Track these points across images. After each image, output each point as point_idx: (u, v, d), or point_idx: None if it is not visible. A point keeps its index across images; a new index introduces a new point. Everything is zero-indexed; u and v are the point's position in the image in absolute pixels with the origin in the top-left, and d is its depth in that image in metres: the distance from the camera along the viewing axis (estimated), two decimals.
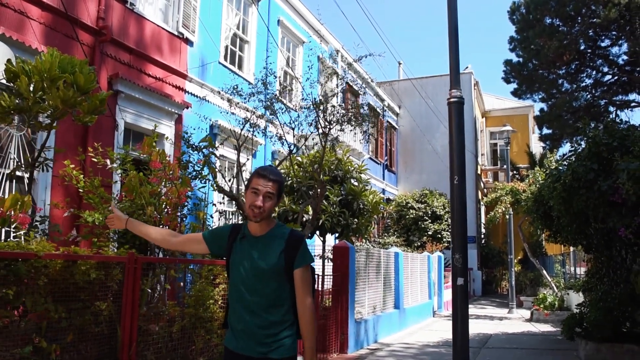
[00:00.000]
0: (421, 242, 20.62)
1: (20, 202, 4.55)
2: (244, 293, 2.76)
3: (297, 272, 2.79)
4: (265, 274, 2.75)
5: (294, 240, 2.83)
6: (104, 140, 8.79)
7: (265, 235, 2.84)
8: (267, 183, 2.78)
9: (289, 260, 2.77)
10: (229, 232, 2.96)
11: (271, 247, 2.80)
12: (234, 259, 2.85)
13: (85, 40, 9.14)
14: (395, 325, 12.76)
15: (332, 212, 10.22)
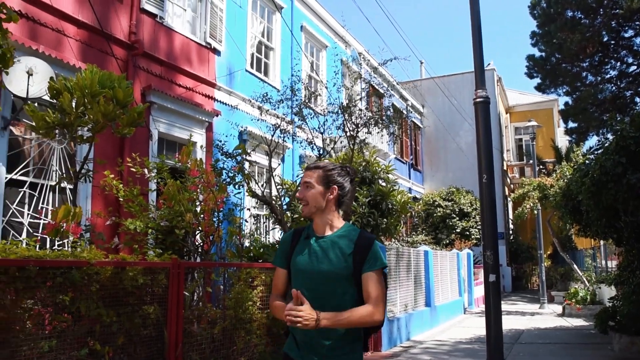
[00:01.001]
0: (449, 239, 20.65)
1: (72, 213, 4.83)
2: (308, 298, 2.43)
3: (367, 276, 2.50)
4: (331, 277, 2.51)
5: (364, 241, 2.56)
6: (139, 150, 9.10)
7: (332, 236, 2.60)
8: (306, 173, 2.66)
9: (358, 263, 2.51)
10: (292, 236, 2.74)
11: (338, 249, 2.55)
12: (296, 260, 2.63)
13: (119, 54, 9.47)
14: (427, 322, 12.88)
15: (361, 213, 10.39)
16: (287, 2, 15.29)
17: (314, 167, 2.66)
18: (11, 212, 7.70)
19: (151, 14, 10.34)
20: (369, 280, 2.50)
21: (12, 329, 3.68)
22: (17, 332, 3.71)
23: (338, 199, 2.66)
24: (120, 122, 6.40)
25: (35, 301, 3.85)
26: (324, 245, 2.58)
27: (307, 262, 2.58)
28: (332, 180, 2.64)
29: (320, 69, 17.17)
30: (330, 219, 2.63)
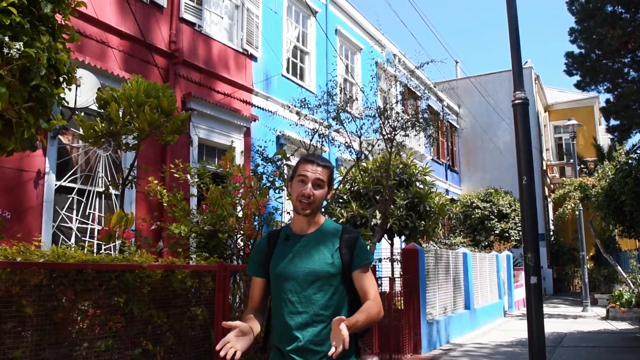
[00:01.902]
0: (488, 241, 20.45)
1: (125, 219, 5.02)
2: (294, 304, 2.34)
3: (358, 272, 2.42)
4: (318, 277, 2.36)
5: (350, 236, 2.46)
6: (180, 156, 9.33)
7: (315, 233, 2.47)
8: (316, 169, 2.44)
9: (347, 259, 2.40)
10: (266, 240, 2.57)
11: (323, 246, 2.43)
12: (277, 265, 2.43)
13: (160, 63, 9.73)
14: (466, 325, 12.81)
15: (399, 216, 10.43)
16: (322, 6, 15.42)
17: (324, 165, 2.48)
18: (61, 218, 8.00)
19: (190, 23, 10.58)
20: (363, 276, 2.42)
21: (71, 329, 3.87)
22: (76, 332, 3.89)
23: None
24: (165, 130, 6.60)
25: (91, 303, 4.04)
26: (307, 243, 2.45)
27: (288, 264, 2.41)
28: (333, 181, 2.59)
29: (355, 72, 17.25)
30: (318, 216, 2.52)
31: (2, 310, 3.46)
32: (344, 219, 10.21)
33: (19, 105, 2.50)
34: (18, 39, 2.34)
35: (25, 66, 2.39)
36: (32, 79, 2.49)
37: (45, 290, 3.67)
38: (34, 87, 2.53)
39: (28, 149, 2.91)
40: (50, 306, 3.72)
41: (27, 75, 2.48)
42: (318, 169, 2.44)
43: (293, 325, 2.34)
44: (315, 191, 2.42)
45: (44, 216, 7.67)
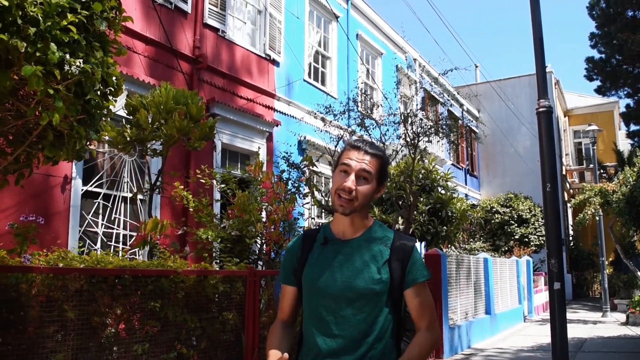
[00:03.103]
0: (508, 246, 20.36)
1: (160, 225, 5.13)
2: (329, 325, 1.95)
3: (411, 292, 1.99)
4: (360, 294, 1.94)
5: (404, 246, 2.02)
6: (204, 161, 9.45)
7: (360, 239, 2.04)
8: (364, 157, 1.99)
9: (397, 274, 1.96)
10: (301, 242, 2.14)
11: (370, 256, 1.99)
12: (311, 274, 2.03)
13: (184, 68, 9.86)
14: (487, 330, 12.78)
15: (421, 221, 10.45)
16: (343, 10, 15.50)
17: (373, 154, 2.02)
18: (87, 222, 8.13)
19: (214, 28, 10.70)
20: (417, 297, 2.00)
21: (110, 333, 3.97)
22: (114, 335, 3.99)
23: None
24: (193, 137, 6.70)
25: (129, 307, 4.13)
26: (350, 251, 2.01)
27: (325, 276, 1.99)
28: (386, 174, 2.11)
29: (376, 77, 17.31)
30: (364, 218, 2.07)
31: (45, 314, 3.56)
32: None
33: (73, 118, 2.60)
34: (75, 55, 2.44)
35: (79, 80, 2.49)
36: (87, 93, 2.59)
37: (85, 295, 3.77)
38: (86, 100, 2.63)
39: (75, 159, 3.01)
40: (89, 310, 3.81)
41: (81, 89, 2.57)
42: (366, 158, 1.98)
43: (325, 350, 1.95)
44: (359, 186, 1.96)
45: (70, 221, 7.79)
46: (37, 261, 3.83)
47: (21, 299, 3.51)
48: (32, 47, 2.24)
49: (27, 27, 2.23)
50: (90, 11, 2.52)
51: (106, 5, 2.65)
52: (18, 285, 3.47)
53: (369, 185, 1.98)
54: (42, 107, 2.47)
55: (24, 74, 2.22)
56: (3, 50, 2.24)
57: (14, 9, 2.16)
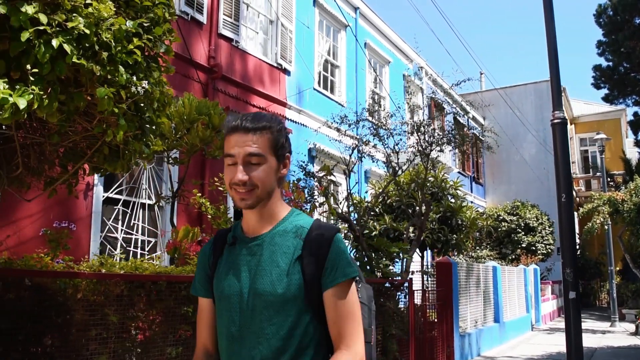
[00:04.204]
0: (515, 254, 20.45)
1: (192, 232, 5.28)
2: (237, 341, 1.64)
3: (328, 297, 1.61)
4: (267, 301, 1.61)
5: (319, 237, 1.64)
6: (219, 169, 9.60)
7: (270, 233, 1.69)
8: (246, 138, 1.64)
9: (311, 273, 1.60)
10: (212, 246, 1.82)
11: (280, 254, 1.64)
12: (217, 280, 1.73)
13: (200, 78, 10.04)
14: (496, 338, 12.88)
15: (431, 229, 10.59)
16: (352, 20, 15.68)
17: (255, 128, 1.66)
18: (107, 228, 8.30)
19: (227, 39, 10.88)
20: (335, 304, 1.61)
21: (146, 336, 4.12)
22: (150, 339, 4.14)
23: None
24: (213, 146, 6.86)
25: (163, 312, 4.28)
26: (258, 250, 1.67)
27: (230, 282, 1.68)
28: (285, 145, 1.75)
29: (384, 85, 17.49)
30: (274, 207, 1.73)
31: (89, 318, 3.71)
32: (377, 232, 10.37)
33: (132, 133, 2.76)
34: (137, 76, 2.61)
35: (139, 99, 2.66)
36: (145, 111, 2.76)
37: (125, 299, 3.92)
38: (142, 117, 2.79)
39: (125, 171, 3.17)
40: (128, 314, 3.96)
41: (140, 106, 2.74)
42: (248, 138, 1.64)
43: None
44: (252, 173, 1.63)
45: (92, 227, 7.96)
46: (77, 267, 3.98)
47: (67, 303, 3.66)
48: (104, 70, 2.41)
49: (101, 52, 2.39)
50: (152, 35, 2.70)
51: (164, 29, 2.82)
52: (65, 290, 3.63)
53: (263, 166, 1.64)
54: (105, 125, 2.64)
55: (98, 96, 2.39)
56: (75, 72, 2.41)
57: (92, 35, 2.32)
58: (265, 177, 1.67)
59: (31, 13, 2.20)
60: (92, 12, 2.34)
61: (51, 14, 2.28)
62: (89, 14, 2.32)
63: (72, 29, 2.27)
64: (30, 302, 3.55)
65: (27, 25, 2.21)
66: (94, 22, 2.33)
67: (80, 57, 2.29)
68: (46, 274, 3.66)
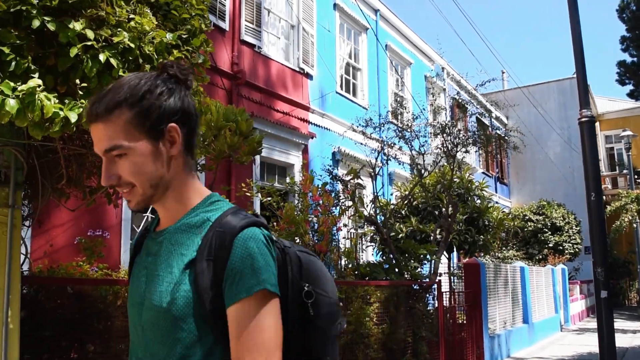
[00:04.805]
0: (542, 254, 20.24)
1: None
2: (138, 349, 1.35)
3: (232, 313, 1.22)
4: (161, 317, 1.27)
5: (220, 235, 1.26)
6: (244, 174, 9.70)
7: (171, 229, 1.36)
8: (96, 129, 1.30)
9: (207, 284, 1.23)
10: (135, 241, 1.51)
11: (177, 254, 1.30)
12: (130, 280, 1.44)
13: (224, 84, 10.15)
14: (525, 339, 12.77)
15: (458, 230, 10.55)
16: (372, 22, 15.70)
17: (100, 113, 1.29)
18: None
19: (250, 45, 10.98)
20: (236, 324, 1.21)
21: None
22: None
23: (186, 141, 1.36)
24: (241, 152, 6.93)
25: None
26: (159, 249, 1.35)
27: (133, 292, 1.39)
28: (159, 114, 1.31)
29: (405, 86, 17.48)
30: (180, 196, 1.37)
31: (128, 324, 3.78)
32: (404, 234, 10.35)
33: None
34: None
35: None
36: None
37: None
38: None
39: None
40: None
41: None
42: (99, 130, 1.29)
43: None
44: (120, 170, 1.30)
45: (122, 234, 8.10)
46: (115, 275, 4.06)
47: (108, 309, 3.74)
48: None
49: (144, 64, 2.47)
50: (190, 46, 2.77)
51: (201, 40, 2.88)
52: (105, 297, 3.71)
53: (130, 158, 1.29)
54: None
55: None
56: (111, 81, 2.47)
57: (136, 49, 2.40)
58: (138, 169, 1.29)
59: (79, 29, 2.28)
60: (135, 26, 2.41)
61: (97, 29, 2.36)
62: (132, 28, 2.40)
63: (118, 44, 2.35)
64: (73, 310, 3.64)
65: (75, 41, 2.29)
66: (137, 36, 2.40)
67: (125, 70, 2.37)
68: (87, 282, 3.75)
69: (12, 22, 2.24)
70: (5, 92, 2.13)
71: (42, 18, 2.24)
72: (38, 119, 2.20)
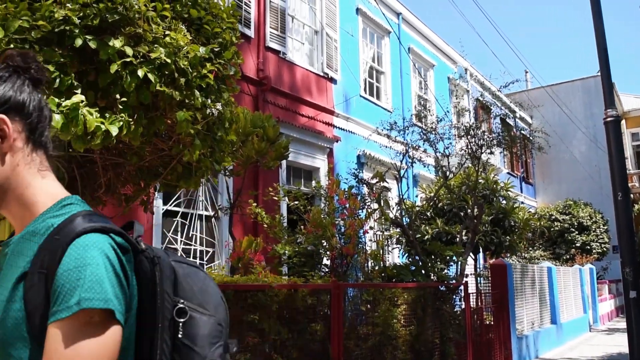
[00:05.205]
0: (569, 254, 20.03)
1: (254, 243, 5.48)
2: None
3: (49, 335, 1.01)
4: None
5: (53, 243, 1.07)
6: (271, 179, 9.82)
7: (18, 237, 1.17)
8: None
9: (38, 301, 1.05)
10: None
11: (16, 267, 1.11)
12: None
13: (251, 90, 10.30)
14: (553, 340, 12.68)
15: (484, 231, 10.55)
16: (394, 26, 15.74)
17: None
18: (167, 240, 8.61)
19: (275, 51, 11.12)
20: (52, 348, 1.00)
21: None
22: None
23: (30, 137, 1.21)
24: (268, 157, 7.06)
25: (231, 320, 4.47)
26: (3, 261, 1.17)
27: None
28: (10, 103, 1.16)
29: (429, 88, 17.48)
30: (25, 201, 1.18)
31: None
32: (429, 236, 10.37)
33: (203, 152, 2.96)
34: (210, 98, 2.80)
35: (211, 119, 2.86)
36: (217, 130, 2.96)
37: None
38: (214, 136, 2.99)
39: (197, 187, 3.37)
40: None
41: (212, 126, 2.94)
42: None
43: None
44: None
45: (153, 239, 8.28)
46: None
47: None
48: (182, 94, 2.61)
49: (179, 78, 2.59)
50: (222, 59, 2.89)
51: (232, 52, 3.00)
52: None
53: None
54: (182, 145, 2.84)
55: (178, 119, 2.59)
56: (154, 97, 2.61)
57: (171, 64, 2.52)
58: None
59: (118, 46, 2.41)
60: (171, 42, 2.54)
61: (135, 46, 2.49)
62: (168, 43, 2.53)
63: (155, 59, 2.48)
64: None
65: (114, 58, 2.43)
66: (172, 51, 2.53)
67: (162, 85, 2.50)
68: None
69: (56, 42, 2.39)
70: (51, 107, 2.26)
71: (84, 37, 2.39)
72: (81, 133, 2.34)
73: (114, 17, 2.43)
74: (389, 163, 10.08)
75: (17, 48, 2.02)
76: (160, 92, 2.51)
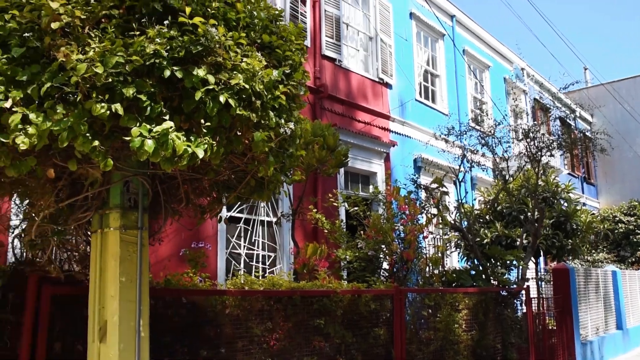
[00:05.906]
0: (635, 257, 19.37)
1: (319, 250, 5.68)
2: None
3: None
4: None
5: None
6: (329, 185, 10.00)
7: None
8: None
9: None
10: None
11: None
12: None
13: (308, 98, 10.52)
14: (619, 346, 12.36)
15: (545, 235, 10.41)
16: (448, 28, 15.68)
17: None
18: (231, 245, 8.91)
19: (331, 59, 11.31)
20: None
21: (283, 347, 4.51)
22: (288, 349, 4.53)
23: None
24: (329, 164, 7.25)
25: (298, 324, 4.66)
26: None
27: None
28: None
29: (485, 89, 17.32)
30: None
31: (236, 331, 4.15)
32: (488, 240, 10.31)
33: (277, 166, 3.15)
34: (282, 117, 3.00)
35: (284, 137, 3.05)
36: (289, 147, 3.15)
37: (266, 314, 4.33)
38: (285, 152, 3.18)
39: (269, 200, 3.58)
40: (268, 327, 4.37)
41: (284, 143, 3.14)
42: None
43: None
44: None
45: (218, 244, 8.59)
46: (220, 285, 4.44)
47: (217, 318, 4.12)
48: (257, 116, 2.81)
49: (255, 101, 2.80)
50: (293, 80, 3.08)
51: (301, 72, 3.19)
52: (215, 307, 4.09)
53: None
54: (257, 162, 3.04)
55: (255, 139, 2.80)
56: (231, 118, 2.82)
57: (249, 88, 2.73)
58: None
59: (202, 75, 2.63)
60: (248, 68, 2.74)
61: (215, 73, 2.70)
62: (245, 69, 2.73)
63: (234, 85, 2.68)
64: (187, 318, 4.04)
65: (198, 86, 2.65)
66: (249, 77, 2.73)
67: (240, 108, 2.70)
68: (199, 293, 4.15)
69: (146, 73, 2.63)
70: (144, 133, 2.53)
71: (171, 68, 2.62)
72: (169, 155, 2.57)
73: (197, 48, 2.65)
74: (447, 167, 10.10)
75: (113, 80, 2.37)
76: (238, 115, 2.72)
